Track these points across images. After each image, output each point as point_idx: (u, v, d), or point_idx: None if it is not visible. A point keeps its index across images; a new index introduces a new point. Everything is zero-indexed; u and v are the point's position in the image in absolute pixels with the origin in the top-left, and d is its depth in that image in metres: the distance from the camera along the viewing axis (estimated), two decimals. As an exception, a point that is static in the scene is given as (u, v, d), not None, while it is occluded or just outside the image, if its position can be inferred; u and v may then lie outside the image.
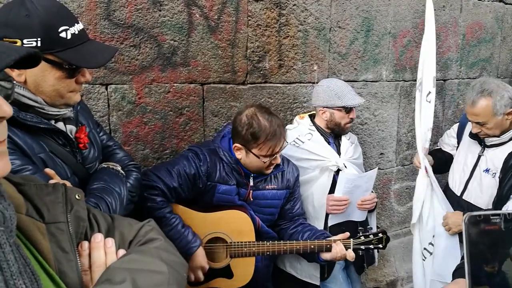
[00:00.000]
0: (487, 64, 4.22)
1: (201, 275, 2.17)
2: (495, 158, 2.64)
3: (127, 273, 0.90)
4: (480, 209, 2.70)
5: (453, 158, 3.05)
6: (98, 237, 0.99)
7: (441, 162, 3.11)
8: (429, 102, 2.82)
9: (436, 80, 3.76)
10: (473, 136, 2.77)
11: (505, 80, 4.39)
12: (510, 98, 2.48)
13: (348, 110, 2.68)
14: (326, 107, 2.70)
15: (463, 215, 2.47)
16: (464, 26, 3.92)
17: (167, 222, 2.09)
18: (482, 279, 0.76)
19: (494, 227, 0.77)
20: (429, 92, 2.82)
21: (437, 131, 3.97)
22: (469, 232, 0.77)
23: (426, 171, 2.86)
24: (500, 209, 2.46)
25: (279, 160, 2.29)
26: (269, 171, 2.30)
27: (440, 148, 3.25)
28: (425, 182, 2.87)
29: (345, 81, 3.02)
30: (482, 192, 2.69)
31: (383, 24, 3.39)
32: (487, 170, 2.67)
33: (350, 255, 2.22)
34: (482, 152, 2.73)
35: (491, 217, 0.77)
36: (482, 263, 0.77)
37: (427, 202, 2.87)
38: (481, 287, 0.77)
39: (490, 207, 2.65)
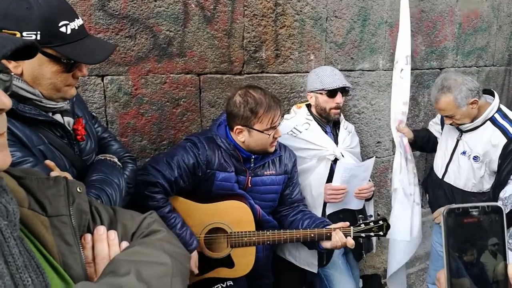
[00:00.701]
0: (483, 53, 4.22)
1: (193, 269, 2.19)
2: (470, 141, 2.82)
3: (131, 265, 0.90)
4: (459, 189, 2.92)
5: (437, 142, 3.23)
6: (101, 230, 0.99)
7: (424, 141, 3.28)
8: (402, 78, 3.01)
9: (432, 69, 3.79)
10: (452, 124, 2.91)
11: (501, 69, 4.40)
12: (469, 90, 2.64)
13: (331, 94, 2.67)
14: (312, 92, 2.75)
15: (444, 194, 2.55)
16: (460, 15, 3.91)
17: (166, 222, 2.08)
18: (461, 271, 0.77)
19: (473, 220, 0.77)
20: (402, 69, 3.01)
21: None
22: (448, 225, 0.77)
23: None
24: (498, 194, 2.53)
25: (280, 133, 2.33)
26: (273, 148, 2.33)
27: (428, 129, 3.39)
28: (397, 154, 3.11)
29: (341, 70, 3.02)
30: (460, 174, 2.90)
31: (379, 13, 3.38)
32: (463, 153, 2.86)
33: (350, 242, 2.23)
34: (460, 136, 2.90)
35: (470, 210, 0.77)
36: (461, 255, 0.77)
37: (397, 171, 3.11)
38: (460, 279, 0.77)
39: (468, 188, 2.88)
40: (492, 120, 2.71)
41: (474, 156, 2.78)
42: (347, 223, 2.33)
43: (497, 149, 2.65)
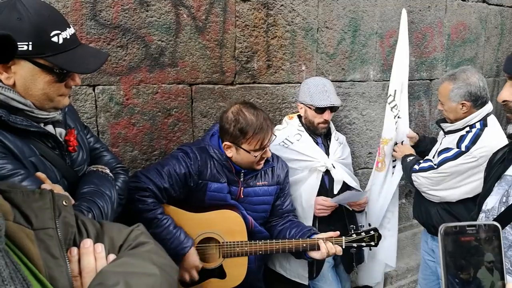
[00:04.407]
0: (471, 64, 4.26)
1: (195, 274, 2.17)
2: (445, 142, 2.80)
3: (120, 276, 0.89)
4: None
5: None
6: (87, 243, 0.98)
7: (427, 148, 3.23)
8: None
9: (422, 80, 3.83)
10: (437, 122, 2.97)
11: (489, 80, 4.45)
12: (468, 92, 2.60)
13: (319, 110, 2.66)
14: (302, 103, 2.75)
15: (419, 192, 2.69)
16: (449, 26, 3.96)
17: (158, 223, 2.08)
18: (458, 287, 0.77)
19: (470, 238, 0.77)
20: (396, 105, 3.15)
21: (424, 130, 4.01)
22: (445, 243, 0.77)
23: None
24: (481, 205, 2.53)
25: (269, 154, 2.30)
26: (260, 166, 2.31)
27: (435, 138, 3.35)
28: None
29: (332, 81, 3.03)
30: None
31: (370, 24, 3.41)
32: (437, 152, 2.83)
33: (338, 249, 2.24)
34: (444, 138, 2.88)
35: (467, 228, 0.78)
36: (458, 272, 0.77)
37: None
38: None
39: None
40: (471, 126, 2.67)
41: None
42: (337, 233, 2.32)
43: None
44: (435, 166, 2.66)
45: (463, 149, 2.58)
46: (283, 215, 2.52)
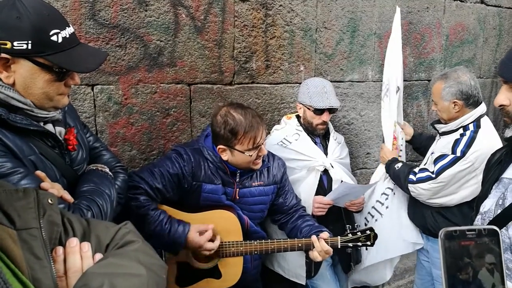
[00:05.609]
0: (470, 65, 4.28)
1: (209, 246, 2.16)
2: (440, 143, 2.80)
3: (105, 277, 0.88)
4: None
5: None
6: (73, 242, 0.96)
7: (422, 145, 3.22)
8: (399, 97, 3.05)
9: (421, 80, 3.84)
10: (431, 124, 2.96)
11: (487, 81, 4.46)
12: (460, 91, 2.61)
13: (318, 112, 2.67)
14: (301, 103, 2.75)
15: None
16: (447, 27, 3.97)
17: (151, 219, 2.09)
18: None
19: (470, 242, 0.78)
20: (398, 88, 3.02)
21: (423, 131, 4.01)
22: (445, 247, 0.78)
23: None
24: (479, 207, 2.53)
25: (265, 151, 2.29)
26: (257, 166, 2.30)
27: (432, 136, 3.34)
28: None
29: (331, 81, 3.03)
30: None
31: (368, 25, 3.41)
32: (431, 153, 2.83)
33: (326, 248, 2.22)
34: (438, 139, 2.88)
35: (467, 233, 0.78)
36: (458, 275, 0.78)
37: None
38: None
39: None
40: (465, 128, 2.67)
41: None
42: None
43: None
44: (433, 176, 2.63)
45: (458, 154, 2.57)
46: (290, 211, 2.53)
